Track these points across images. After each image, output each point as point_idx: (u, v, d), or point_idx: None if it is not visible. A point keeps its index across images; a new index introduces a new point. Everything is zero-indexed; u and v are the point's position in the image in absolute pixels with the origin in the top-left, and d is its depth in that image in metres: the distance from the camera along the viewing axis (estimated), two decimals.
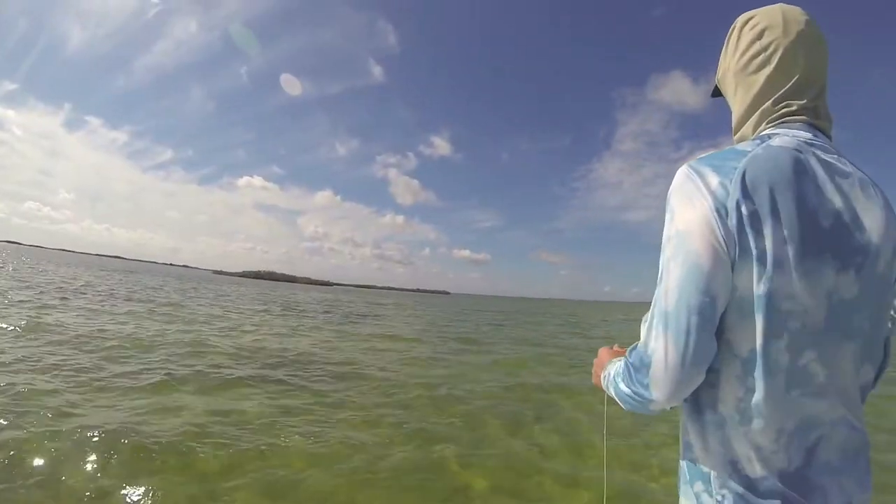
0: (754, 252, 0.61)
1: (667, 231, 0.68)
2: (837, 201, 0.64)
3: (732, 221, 0.62)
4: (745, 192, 0.62)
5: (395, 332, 12.77)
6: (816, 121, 0.73)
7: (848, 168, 0.68)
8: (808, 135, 0.70)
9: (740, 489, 0.64)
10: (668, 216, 0.69)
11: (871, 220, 0.66)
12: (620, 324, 25.49)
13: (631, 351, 0.72)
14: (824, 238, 0.63)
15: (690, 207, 0.65)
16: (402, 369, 7.20)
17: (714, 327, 0.64)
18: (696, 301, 0.63)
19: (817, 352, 0.63)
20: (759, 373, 0.63)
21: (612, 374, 0.78)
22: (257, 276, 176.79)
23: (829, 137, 0.73)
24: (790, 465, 0.63)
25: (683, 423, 0.74)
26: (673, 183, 0.70)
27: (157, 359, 6.12)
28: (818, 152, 0.67)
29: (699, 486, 0.69)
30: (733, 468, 0.65)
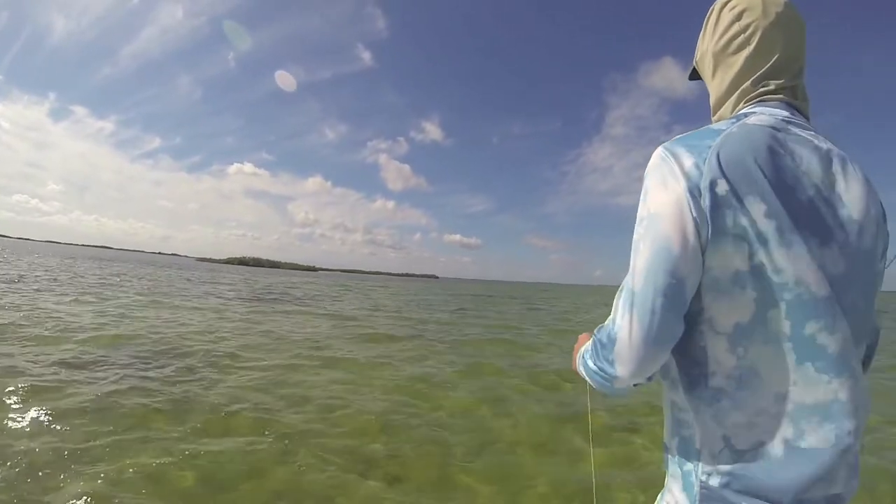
0: (733, 229, 0.61)
1: (640, 211, 0.68)
2: (815, 177, 0.64)
3: (706, 202, 0.62)
4: (721, 171, 0.62)
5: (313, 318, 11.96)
6: (794, 100, 0.74)
7: (825, 145, 0.67)
8: (786, 113, 0.70)
9: (728, 467, 0.64)
10: (642, 196, 0.69)
11: (851, 196, 0.65)
12: (593, 308, 25.17)
13: (599, 328, 0.73)
14: (803, 212, 0.62)
15: (663, 190, 0.65)
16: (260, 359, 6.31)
17: (682, 309, 0.64)
18: (662, 283, 0.63)
19: (821, 323, 0.62)
20: (753, 341, 0.63)
21: (582, 351, 0.80)
22: (241, 262, 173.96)
23: (806, 118, 0.74)
24: (797, 439, 0.62)
25: (671, 400, 0.74)
26: (649, 164, 0.70)
27: None
28: (795, 129, 0.67)
29: (687, 465, 0.69)
30: (725, 443, 0.65)
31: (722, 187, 0.61)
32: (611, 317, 0.70)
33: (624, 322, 0.65)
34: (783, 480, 0.61)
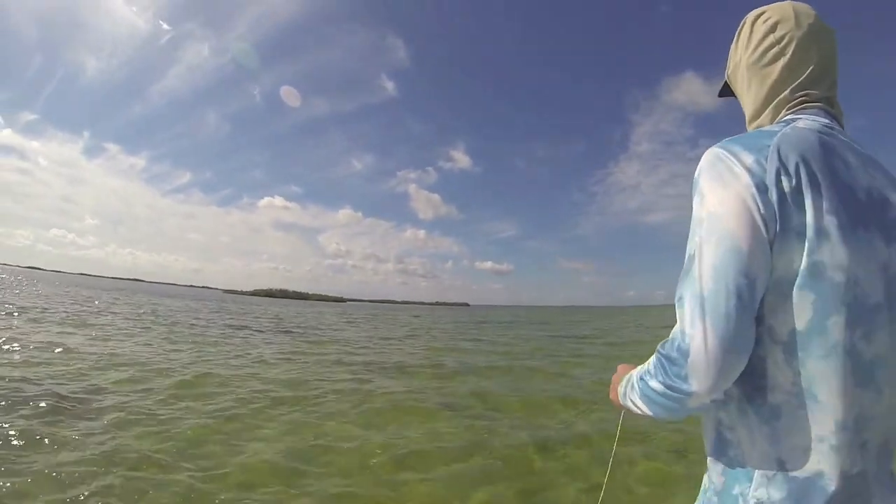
0: (797, 226, 0.60)
1: (697, 214, 0.66)
2: (866, 178, 0.64)
3: (773, 197, 0.60)
4: (784, 167, 0.61)
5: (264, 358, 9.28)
6: (831, 110, 0.74)
7: (865, 151, 0.69)
8: (827, 120, 0.70)
9: (781, 494, 0.61)
10: (696, 199, 0.67)
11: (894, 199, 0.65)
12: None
13: (663, 344, 0.67)
14: (865, 210, 0.62)
15: (724, 187, 0.63)
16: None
17: (754, 311, 0.61)
18: (734, 284, 0.59)
19: (885, 331, 0.59)
20: (811, 353, 0.59)
21: (634, 376, 0.75)
22: (268, 294, 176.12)
23: (842, 127, 0.73)
24: (853, 466, 0.59)
25: (717, 418, 0.70)
26: (701, 164, 0.68)
27: None
28: (839, 135, 0.68)
29: (735, 488, 0.66)
30: (780, 467, 0.62)
31: (787, 183, 0.60)
32: (675, 329, 0.64)
33: (696, 331, 0.60)
34: None
